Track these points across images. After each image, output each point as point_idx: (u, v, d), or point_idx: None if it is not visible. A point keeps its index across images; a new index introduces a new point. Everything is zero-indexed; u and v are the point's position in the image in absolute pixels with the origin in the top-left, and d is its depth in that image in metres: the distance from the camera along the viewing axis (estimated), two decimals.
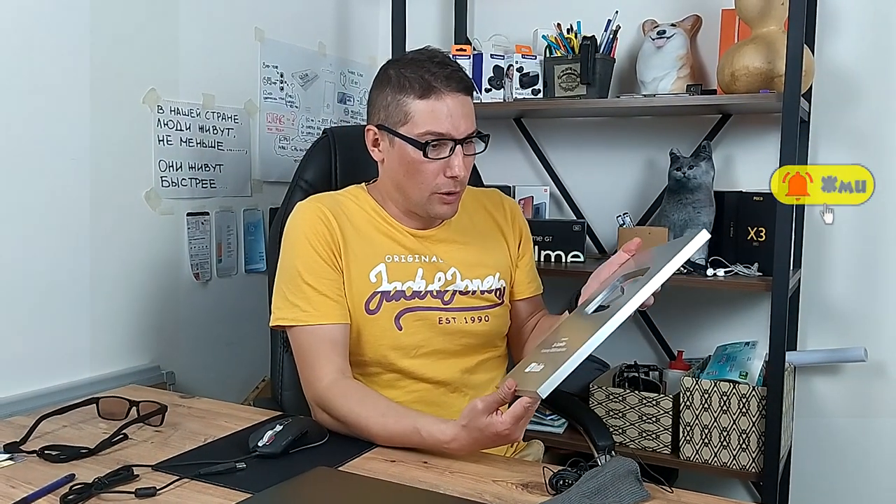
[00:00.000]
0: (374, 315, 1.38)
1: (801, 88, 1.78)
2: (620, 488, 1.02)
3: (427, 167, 1.34)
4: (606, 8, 2.15)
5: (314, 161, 1.61)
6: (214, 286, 2.01)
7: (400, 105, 1.33)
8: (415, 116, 1.32)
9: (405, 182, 1.37)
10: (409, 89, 1.32)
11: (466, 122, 1.34)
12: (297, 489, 1.05)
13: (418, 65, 1.33)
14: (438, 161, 1.33)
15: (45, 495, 1.03)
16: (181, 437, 1.28)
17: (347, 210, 1.42)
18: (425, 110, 1.31)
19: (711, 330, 2.25)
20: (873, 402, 2.10)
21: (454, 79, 1.32)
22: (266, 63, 2.14)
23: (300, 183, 1.59)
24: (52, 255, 1.61)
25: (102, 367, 1.72)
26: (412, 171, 1.35)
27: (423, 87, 1.31)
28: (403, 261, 1.41)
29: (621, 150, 2.34)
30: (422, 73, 1.31)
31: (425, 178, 1.35)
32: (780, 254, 1.80)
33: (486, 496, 1.05)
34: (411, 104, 1.32)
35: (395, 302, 1.39)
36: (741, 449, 1.89)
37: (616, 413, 2.03)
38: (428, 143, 1.31)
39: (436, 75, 1.31)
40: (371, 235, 1.41)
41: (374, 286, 1.38)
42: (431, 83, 1.31)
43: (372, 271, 1.39)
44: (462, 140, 1.33)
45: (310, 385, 1.33)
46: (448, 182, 1.35)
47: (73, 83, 1.63)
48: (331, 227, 1.38)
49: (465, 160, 1.35)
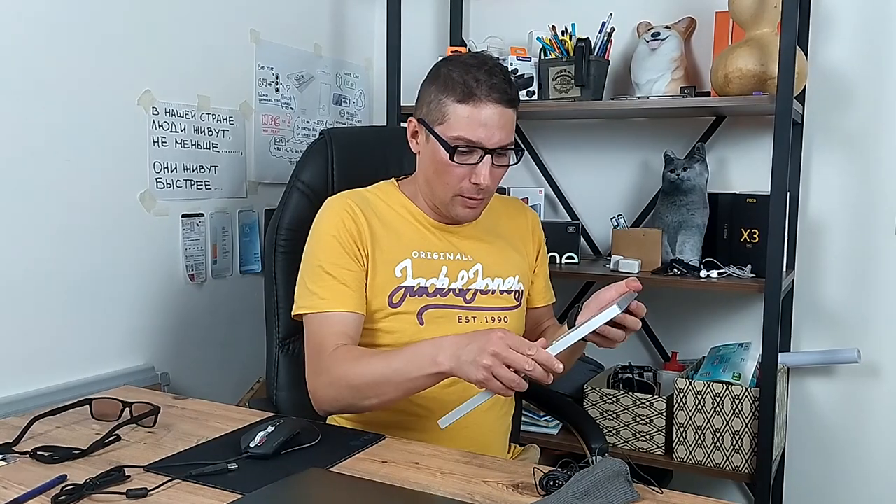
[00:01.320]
0: (398, 308, 1.40)
1: (795, 91, 1.78)
2: (610, 489, 1.02)
3: (454, 170, 1.35)
4: (601, 10, 2.16)
5: (311, 162, 1.61)
6: (209, 287, 2.02)
7: (441, 104, 1.34)
8: (451, 119, 1.33)
9: (433, 179, 1.39)
10: (452, 91, 1.33)
11: (501, 133, 1.33)
12: (288, 490, 1.05)
13: (467, 69, 1.33)
14: (465, 166, 1.34)
15: (37, 496, 1.03)
16: (174, 439, 1.28)
17: (375, 206, 1.44)
18: (462, 115, 1.32)
19: (705, 331, 2.26)
20: (866, 404, 2.11)
21: (497, 89, 1.32)
22: (261, 64, 2.14)
23: (297, 184, 1.59)
24: (46, 257, 1.62)
25: (96, 368, 1.73)
26: (440, 171, 1.37)
27: (464, 92, 1.31)
28: (429, 257, 1.43)
29: (616, 151, 2.34)
30: (467, 77, 1.32)
31: (451, 180, 1.36)
32: (773, 255, 1.80)
33: (476, 497, 1.05)
34: (450, 106, 1.33)
35: (419, 298, 1.41)
36: (734, 450, 1.90)
37: (610, 414, 2.03)
38: (457, 147, 1.33)
39: (480, 82, 1.31)
40: (399, 230, 1.43)
41: (398, 281, 1.40)
42: (473, 89, 1.31)
43: (398, 266, 1.40)
44: (493, 150, 1.34)
45: (315, 363, 1.34)
46: (472, 188, 1.36)
47: (67, 84, 1.64)
48: (358, 221, 1.39)
49: (493, 170, 1.35)
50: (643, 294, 1.28)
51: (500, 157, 1.36)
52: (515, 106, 1.36)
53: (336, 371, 1.29)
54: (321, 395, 1.34)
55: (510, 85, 1.35)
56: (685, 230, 2.03)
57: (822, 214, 2.11)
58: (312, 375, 1.36)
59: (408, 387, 1.25)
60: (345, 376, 1.28)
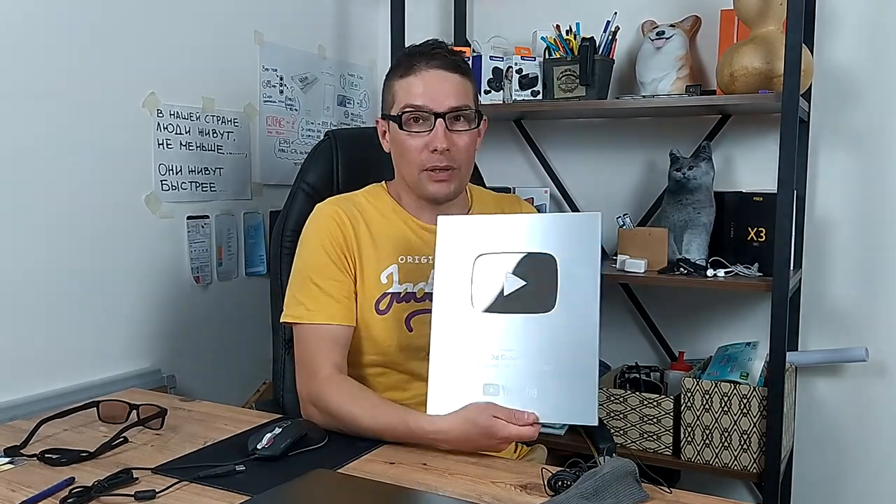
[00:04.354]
0: (384, 315, 1.39)
1: (801, 88, 1.78)
2: (619, 489, 1.01)
3: (410, 143, 1.36)
4: (605, 9, 2.16)
5: (316, 163, 1.61)
6: (215, 289, 2.01)
7: (389, 89, 1.39)
8: (398, 94, 1.37)
9: (400, 162, 1.41)
10: (395, 72, 1.38)
11: (450, 96, 1.34)
12: (296, 491, 1.05)
13: (410, 51, 1.39)
14: (421, 136, 1.35)
15: (45, 498, 1.04)
16: (181, 441, 1.28)
17: (364, 211, 1.43)
18: (404, 86, 1.36)
19: (712, 331, 2.25)
20: (874, 402, 2.10)
21: (437, 57, 1.35)
22: (266, 66, 2.14)
23: (302, 185, 1.59)
24: (52, 260, 1.62)
25: (103, 370, 1.73)
26: (401, 150, 1.38)
27: (405, 67, 1.36)
28: (416, 261, 1.42)
29: (621, 151, 2.34)
30: (409, 56, 1.37)
31: (411, 155, 1.36)
32: (780, 254, 1.80)
33: (484, 498, 1.05)
34: (395, 84, 1.38)
35: (406, 304, 1.40)
36: (742, 450, 1.89)
37: (617, 414, 2.02)
38: (404, 114, 1.34)
39: (420, 55, 1.35)
40: (386, 234, 1.42)
41: (384, 287, 1.39)
42: (413, 62, 1.35)
43: (384, 272, 1.40)
44: (444, 114, 1.34)
45: (305, 380, 1.34)
46: (433, 157, 1.35)
47: (72, 87, 1.64)
48: (345, 229, 1.39)
49: (452, 136, 1.35)
50: (649, 293, 1.27)
51: (455, 122, 1.36)
52: (463, 72, 1.38)
53: (328, 403, 1.29)
54: (309, 412, 1.34)
55: (454, 53, 1.39)
56: (691, 229, 2.02)
57: (829, 212, 2.11)
58: (304, 392, 1.35)
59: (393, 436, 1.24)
60: (336, 411, 1.28)
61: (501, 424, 1.14)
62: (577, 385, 1.13)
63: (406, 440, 1.22)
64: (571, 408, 1.14)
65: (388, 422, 1.23)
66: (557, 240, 1.18)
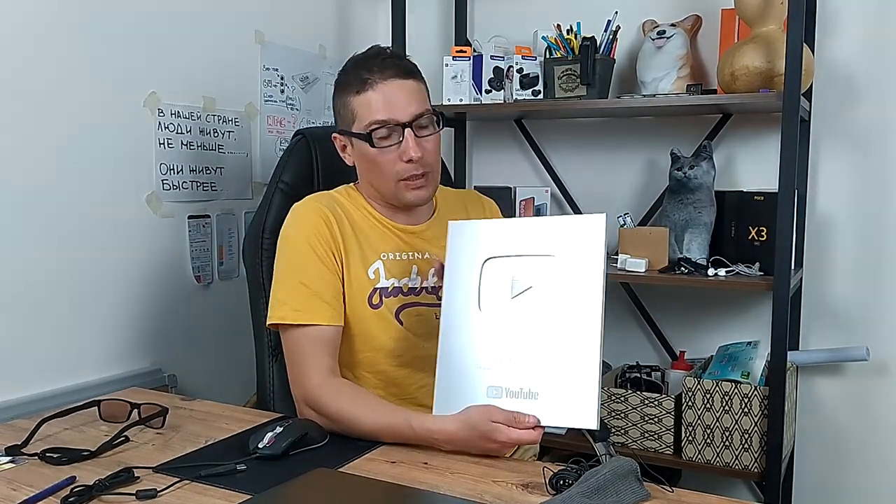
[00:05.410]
0: (378, 310, 1.39)
1: (802, 87, 1.78)
2: (621, 488, 1.01)
3: (383, 157, 1.36)
4: (606, 8, 2.15)
5: (294, 163, 1.60)
6: (216, 289, 2.01)
7: (346, 106, 1.38)
8: (359, 112, 1.36)
9: (372, 177, 1.40)
10: (349, 88, 1.37)
11: (410, 105, 1.34)
12: (297, 490, 1.05)
13: (354, 64, 1.38)
14: (391, 149, 1.35)
15: (46, 497, 1.04)
16: (182, 440, 1.28)
17: (345, 209, 1.43)
18: (363, 103, 1.35)
19: (713, 330, 2.25)
20: (875, 401, 2.10)
21: (388, 66, 1.34)
22: (266, 66, 2.14)
23: (280, 186, 1.58)
24: (53, 259, 1.62)
25: (104, 370, 1.73)
26: (372, 166, 1.38)
27: (359, 83, 1.35)
28: (399, 258, 1.43)
29: (622, 150, 2.34)
30: (358, 70, 1.36)
31: (385, 169, 1.37)
32: (781, 253, 1.80)
33: (486, 497, 1.05)
34: (353, 102, 1.36)
35: (395, 298, 1.41)
36: (744, 449, 1.89)
37: (618, 414, 2.02)
38: (372, 132, 1.34)
39: (369, 69, 1.34)
40: (367, 233, 1.42)
41: (373, 282, 1.40)
42: (364, 77, 1.34)
43: (370, 268, 1.40)
44: (410, 123, 1.34)
45: (299, 383, 1.33)
46: (408, 167, 1.36)
47: (73, 87, 1.64)
48: (331, 227, 1.38)
49: (420, 142, 1.35)
50: (650, 292, 1.28)
51: (421, 128, 1.37)
52: (415, 76, 1.38)
53: (327, 406, 1.28)
54: (306, 415, 1.33)
55: (401, 58, 1.38)
56: (692, 228, 2.02)
57: (830, 211, 2.10)
58: (299, 395, 1.34)
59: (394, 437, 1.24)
60: (335, 414, 1.27)
61: (502, 429, 1.14)
62: (578, 389, 1.13)
63: (408, 441, 1.22)
64: (572, 411, 1.14)
65: (390, 422, 1.23)
66: (563, 242, 1.19)
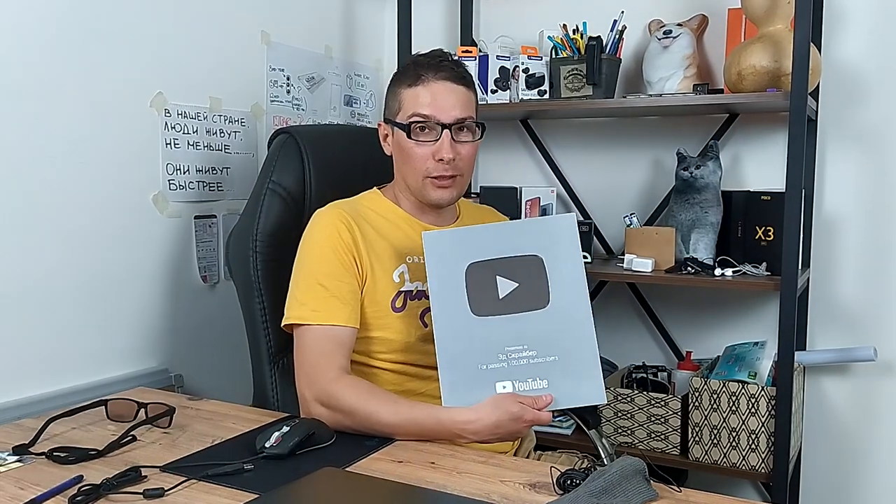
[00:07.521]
0: (401, 312, 1.40)
1: (809, 87, 1.77)
2: (628, 488, 1.01)
3: (416, 151, 1.39)
4: (612, 8, 2.15)
5: (284, 164, 1.60)
6: (222, 289, 2.02)
7: (395, 96, 1.43)
8: (405, 102, 1.40)
9: (403, 168, 1.44)
10: (403, 80, 1.41)
11: (455, 108, 1.38)
12: (304, 490, 1.05)
13: (417, 60, 1.42)
14: (427, 145, 1.39)
15: (53, 496, 1.04)
16: (189, 439, 1.28)
17: (366, 215, 1.45)
18: (412, 96, 1.39)
19: (720, 330, 2.24)
20: (883, 402, 2.09)
21: (444, 68, 1.39)
22: (272, 66, 2.14)
23: (271, 186, 1.57)
24: (60, 259, 1.62)
25: (111, 369, 1.73)
26: (405, 156, 1.41)
27: (414, 76, 1.40)
28: (422, 261, 1.42)
29: (628, 150, 2.33)
30: (416, 66, 1.40)
31: (416, 162, 1.40)
32: (788, 253, 1.79)
33: (493, 496, 1.05)
34: (403, 93, 1.41)
35: (418, 301, 1.42)
36: (751, 449, 1.88)
37: (625, 414, 2.02)
38: (412, 124, 1.38)
39: (428, 66, 1.39)
40: (390, 237, 1.44)
41: (398, 286, 1.41)
42: (419, 72, 1.39)
43: (395, 271, 1.42)
44: (450, 125, 1.38)
45: (312, 381, 1.32)
46: (438, 166, 1.39)
47: (80, 87, 1.64)
48: (353, 232, 1.40)
49: (455, 146, 1.39)
50: (656, 293, 1.29)
51: (460, 132, 1.40)
52: (468, 85, 1.42)
53: (344, 400, 1.28)
54: (317, 413, 1.32)
55: (459, 66, 1.43)
56: (699, 228, 2.02)
57: (838, 211, 2.10)
58: (310, 393, 1.32)
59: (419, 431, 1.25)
60: (352, 407, 1.27)
61: (528, 409, 1.19)
62: (583, 369, 1.22)
63: (429, 434, 1.23)
64: (581, 391, 1.22)
65: (413, 416, 1.24)
66: (540, 241, 1.27)
